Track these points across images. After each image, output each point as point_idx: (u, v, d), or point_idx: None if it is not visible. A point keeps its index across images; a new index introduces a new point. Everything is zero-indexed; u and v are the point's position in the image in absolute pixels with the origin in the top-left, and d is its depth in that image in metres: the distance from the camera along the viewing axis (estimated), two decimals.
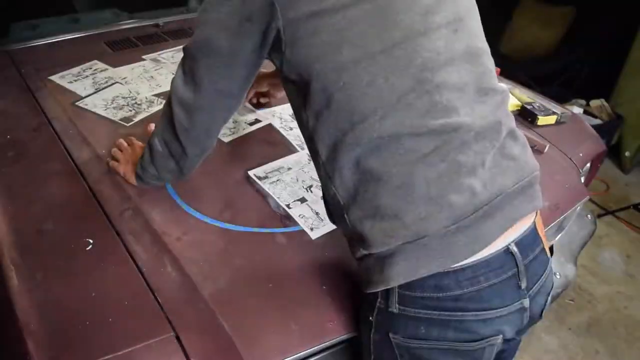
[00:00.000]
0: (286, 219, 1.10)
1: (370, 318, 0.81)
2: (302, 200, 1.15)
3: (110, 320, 0.86)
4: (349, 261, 1.01)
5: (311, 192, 1.18)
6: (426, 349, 0.77)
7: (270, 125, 1.43)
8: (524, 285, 0.78)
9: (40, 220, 1.05)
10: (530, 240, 0.80)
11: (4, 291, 0.91)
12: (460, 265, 0.73)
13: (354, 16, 0.72)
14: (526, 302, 0.79)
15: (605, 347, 1.98)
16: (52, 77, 1.61)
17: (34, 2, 2.01)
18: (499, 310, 0.76)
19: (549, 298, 0.86)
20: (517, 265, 0.77)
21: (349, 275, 0.98)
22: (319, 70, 0.74)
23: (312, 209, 1.13)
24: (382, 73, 0.73)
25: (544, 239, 0.84)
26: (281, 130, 1.41)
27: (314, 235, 1.06)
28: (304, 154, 1.31)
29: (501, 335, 0.77)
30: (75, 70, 1.67)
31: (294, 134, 1.39)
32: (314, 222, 1.09)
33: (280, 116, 1.47)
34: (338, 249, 1.04)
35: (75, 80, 1.61)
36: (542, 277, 0.82)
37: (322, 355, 0.91)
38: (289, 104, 1.55)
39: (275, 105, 1.51)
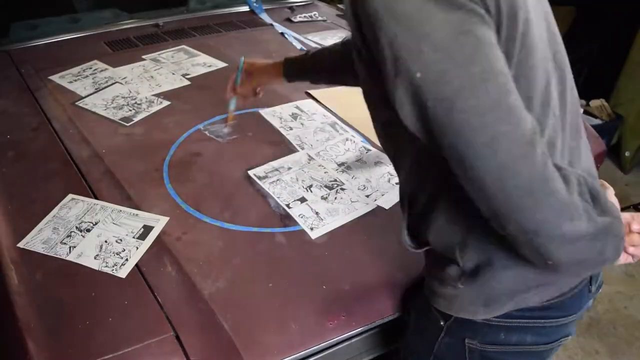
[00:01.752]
0: (286, 219, 1.10)
1: (442, 323, 0.79)
2: (302, 200, 1.15)
3: (110, 320, 0.86)
4: (348, 261, 1.01)
5: (311, 192, 1.18)
6: (501, 352, 0.77)
7: (270, 125, 1.43)
8: (594, 288, 0.80)
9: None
10: None
11: (4, 291, 0.91)
12: None
13: None
14: (590, 302, 0.81)
15: (605, 347, 1.97)
16: (52, 77, 1.61)
17: (34, 2, 2.01)
18: (574, 315, 0.78)
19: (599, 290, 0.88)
20: None
21: (348, 274, 0.98)
22: None
23: (312, 209, 1.13)
24: None
25: None
26: (281, 130, 1.41)
27: (313, 235, 1.06)
28: (304, 153, 1.31)
29: (570, 335, 0.80)
30: (75, 70, 1.67)
31: (294, 134, 1.39)
32: (314, 221, 1.09)
33: (280, 116, 1.47)
34: (338, 248, 1.04)
35: (75, 80, 1.61)
36: (600, 275, 0.83)
37: (322, 355, 0.91)
38: (289, 104, 1.57)
39: (275, 105, 1.51)
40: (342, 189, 1.20)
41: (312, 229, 1.08)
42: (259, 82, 1.31)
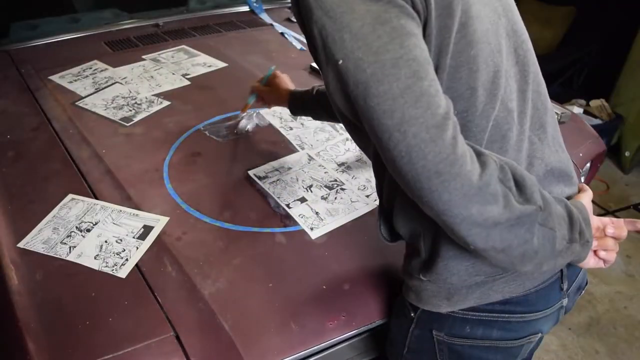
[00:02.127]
0: (286, 219, 1.10)
1: (412, 314, 0.81)
2: (302, 200, 1.15)
3: (110, 320, 0.86)
4: (348, 261, 1.01)
5: (311, 191, 1.18)
6: (468, 346, 0.78)
7: (270, 125, 1.43)
8: (565, 286, 0.80)
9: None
10: None
11: (4, 291, 0.91)
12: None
13: None
14: (565, 302, 0.81)
15: (605, 347, 1.97)
16: (52, 77, 1.61)
17: (34, 2, 2.01)
18: (542, 312, 0.78)
19: (582, 292, 0.89)
20: (562, 269, 0.78)
21: (348, 274, 0.98)
22: None
23: (312, 209, 1.13)
24: None
25: None
26: (281, 130, 1.41)
27: (313, 235, 1.06)
28: (304, 153, 1.31)
29: (540, 333, 0.80)
30: (75, 70, 1.67)
31: (294, 134, 1.39)
32: (314, 221, 1.09)
33: (280, 116, 1.47)
34: (338, 248, 1.04)
35: (75, 80, 1.61)
36: (579, 275, 0.84)
37: (322, 355, 0.91)
38: None
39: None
40: (342, 189, 1.20)
41: (312, 229, 1.08)
42: (269, 100, 1.32)
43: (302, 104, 1.23)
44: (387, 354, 0.93)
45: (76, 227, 1.03)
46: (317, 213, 1.12)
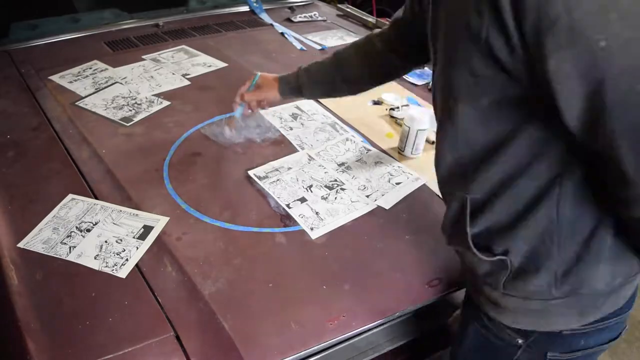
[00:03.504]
0: (286, 219, 1.10)
1: (520, 341, 0.76)
2: (302, 200, 1.15)
3: (110, 320, 0.86)
4: (348, 261, 1.01)
5: (311, 192, 1.18)
6: (576, 357, 0.76)
7: (270, 125, 1.43)
8: None
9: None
10: None
11: (4, 291, 0.91)
12: None
13: None
14: None
15: None
16: (52, 77, 1.61)
17: (34, 2, 2.01)
18: (630, 310, 0.77)
19: None
20: None
21: (348, 274, 0.98)
22: None
23: (312, 209, 1.13)
24: None
25: None
26: (281, 130, 1.41)
27: (314, 235, 1.06)
28: (304, 153, 1.31)
29: (627, 326, 0.80)
30: (75, 70, 1.67)
31: (294, 134, 1.39)
32: (314, 221, 1.09)
33: (280, 116, 1.47)
34: (338, 248, 1.04)
35: (75, 80, 1.61)
36: None
37: (322, 355, 0.91)
38: (289, 104, 1.57)
39: (275, 105, 1.51)
40: (342, 189, 1.20)
41: (312, 229, 1.08)
42: (261, 97, 1.31)
43: (293, 85, 1.23)
44: None
45: (76, 227, 1.03)
46: (317, 213, 1.12)
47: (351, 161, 1.30)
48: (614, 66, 0.48)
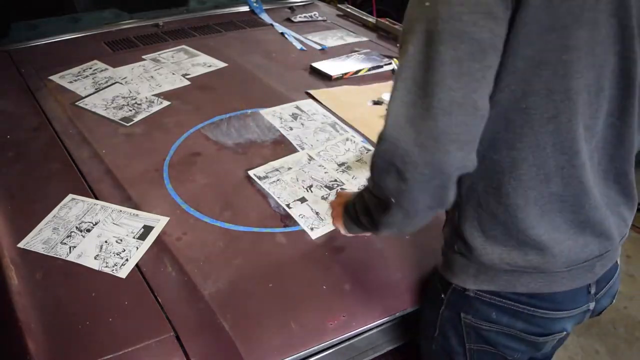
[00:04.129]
0: (286, 219, 1.10)
1: (443, 296, 0.83)
2: (302, 200, 1.15)
3: (110, 320, 0.86)
4: (348, 261, 1.01)
5: (311, 192, 1.18)
6: (494, 332, 0.80)
7: (270, 125, 1.43)
8: (593, 290, 0.81)
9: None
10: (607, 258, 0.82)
11: (4, 291, 0.91)
12: None
13: None
14: (592, 305, 0.83)
15: (605, 347, 1.97)
16: (52, 77, 1.61)
17: (34, 2, 2.01)
18: (567, 312, 0.79)
19: (614, 299, 0.91)
20: None
21: (348, 274, 0.98)
22: None
23: (312, 209, 1.13)
24: None
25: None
26: (281, 130, 1.41)
27: (314, 235, 1.06)
28: (304, 153, 1.31)
29: (565, 332, 0.82)
30: (75, 70, 1.67)
31: (294, 134, 1.39)
32: (314, 222, 1.09)
33: (280, 116, 1.47)
34: (338, 248, 1.04)
35: (75, 80, 1.61)
36: (610, 281, 0.86)
37: (322, 355, 0.91)
38: (289, 104, 1.57)
39: (275, 105, 1.51)
40: (343, 189, 1.20)
41: (312, 229, 1.08)
42: None
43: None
44: (419, 339, 0.94)
45: (76, 227, 1.03)
46: (317, 213, 1.12)
47: (351, 161, 1.30)
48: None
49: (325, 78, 1.70)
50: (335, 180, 1.22)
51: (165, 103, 1.51)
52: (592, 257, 0.77)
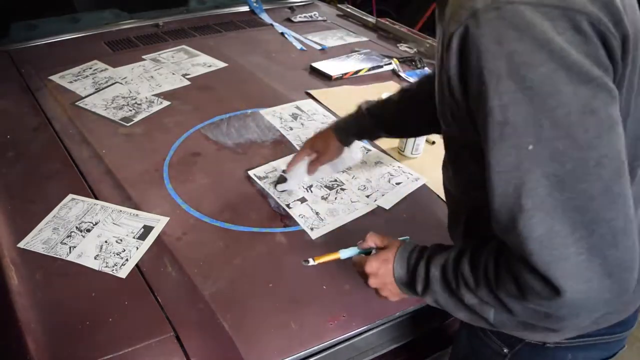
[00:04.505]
0: (286, 219, 1.10)
1: (505, 351, 0.77)
2: (302, 200, 1.15)
3: (110, 320, 0.86)
4: (348, 261, 1.01)
5: (311, 192, 1.18)
6: None
7: (270, 125, 1.43)
8: None
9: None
10: None
11: (4, 291, 0.91)
12: None
13: None
14: None
15: None
16: (52, 77, 1.61)
17: (34, 2, 2.01)
18: (632, 328, 0.78)
19: None
20: None
21: (348, 274, 0.98)
22: None
23: (312, 209, 1.13)
24: None
25: None
26: (281, 130, 1.41)
27: (314, 235, 1.06)
28: None
29: (624, 347, 0.80)
30: (75, 70, 1.67)
31: (294, 134, 1.39)
32: (314, 222, 1.09)
33: (280, 116, 1.47)
34: (338, 248, 1.03)
35: (75, 80, 1.61)
36: None
37: (322, 355, 0.91)
38: (289, 104, 1.57)
39: (275, 105, 1.51)
40: (342, 189, 1.20)
41: (312, 229, 1.08)
42: (323, 160, 1.15)
43: (353, 131, 1.11)
44: None
45: (76, 227, 1.03)
46: (317, 213, 1.12)
47: None
48: (539, 170, 0.51)
49: (325, 78, 1.70)
50: (335, 180, 1.22)
51: (165, 103, 1.51)
52: None
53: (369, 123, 1.08)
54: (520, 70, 0.49)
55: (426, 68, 1.82)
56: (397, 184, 1.23)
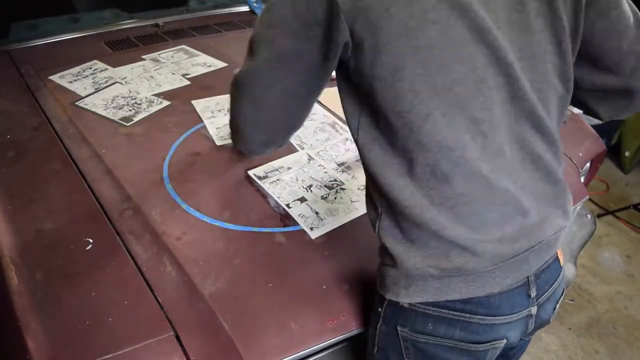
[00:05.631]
0: (286, 219, 1.10)
1: (379, 309, 0.82)
2: (302, 200, 1.15)
3: (110, 320, 0.86)
4: (348, 261, 1.01)
5: (311, 191, 1.18)
6: (432, 344, 0.78)
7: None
8: (533, 294, 0.79)
9: (40, 220, 1.05)
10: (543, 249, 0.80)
11: (4, 291, 0.91)
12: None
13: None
14: (534, 310, 0.80)
15: (605, 347, 1.98)
16: (52, 77, 1.61)
17: (34, 2, 2.01)
18: (506, 317, 0.77)
19: (557, 305, 0.87)
20: (528, 276, 0.78)
21: (348, 274, 0.98)
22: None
23: (311, 209, 1.13)
24: None
25: (559, 249, 0.85)
26: None
27: (313, 234, 1.06)
28: (303, 153, 1.31)
29: (505, 340, 0.79)
30: (75, 70, 1.67)
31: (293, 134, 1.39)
32: (314, 221, 1.09)
33: None
34: (338, 248, 1.04)
35: (75, 80, 1.61)
36: (553, 285, 0.83)
37: (322, 355, 0.91)
38: None
39: None
40: (342, 189, 1.20)
41: (312, 229, 1.08)
42: None
43: None
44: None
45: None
46: (317, 213, 1.12)
47: (351, 161, 1.30)
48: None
49: None
50: (335, 180, 1.22)
51: (165, 103, 1.51)
52: (523, 251, 0.74)
53: None
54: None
55: None
56: None
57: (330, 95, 1.59)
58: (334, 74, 0.77)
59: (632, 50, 0.77)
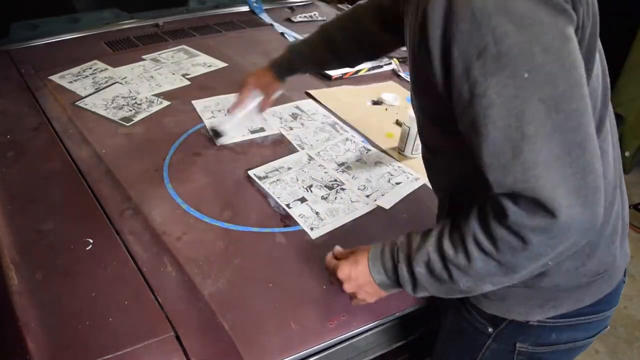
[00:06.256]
0: (286, 219, 1.10)
1: (491, 330, 0.79)
2: (302, 200, 1.15)
3: (110, 320, 0.86)
4: None
5: (311, 192, 1.18)
6: (549, 352, 0.78)
7: (270, 125, 1.43)
8: (626, 279, 0.82)
9: (40, 220, 1.05)
10: None
11: (4, 291, 0.91)
12: None
13: None
14: None
15: (605, 347, 1.97)
16: (52, 77, 1.61)
17: (34, 2, 2.01)
18: (615, 306, 0.80)
19: None
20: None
21: None
22: None
23: (312, 209, 1.13)
24: None
25: None
26: (281, 130, 1.41)
27: (313, 235, 1.06)
28: (304, 153, 1.31)
29: (608, 327, 0.82)
30: (75, 70, 1.67)
31: (294, 134, 1.39)
32: (314, 221, 1.09)
33: (280, 116, 1.47)
34: None
35: (75, 80, 1.61)
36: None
37: (322, 355, 0.91)
38: (289, 104, 1.57)
39: (275, 105, 1.51)
40: (342, 189, 1.20)
41: (312, 229, 1.08)
42: (269, 95, 1.27)
43: (289, 64, 1.21)
44: None
45: None
46: (317, 213, 1.12)
47: (351, 161, 1.30)
48: (535, 96, 0.54)
49: (325, 78, 1.70)
50: (335, 180, 1.22)
51: (165, 103, 1.51)
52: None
53: (296, 62, 1.20)
54: (507, 6, 0.53)
55: None
56: (397, 183, 1.23)
57: (330, 95, 1.60)
58: (333, 73, 0.77)
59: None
